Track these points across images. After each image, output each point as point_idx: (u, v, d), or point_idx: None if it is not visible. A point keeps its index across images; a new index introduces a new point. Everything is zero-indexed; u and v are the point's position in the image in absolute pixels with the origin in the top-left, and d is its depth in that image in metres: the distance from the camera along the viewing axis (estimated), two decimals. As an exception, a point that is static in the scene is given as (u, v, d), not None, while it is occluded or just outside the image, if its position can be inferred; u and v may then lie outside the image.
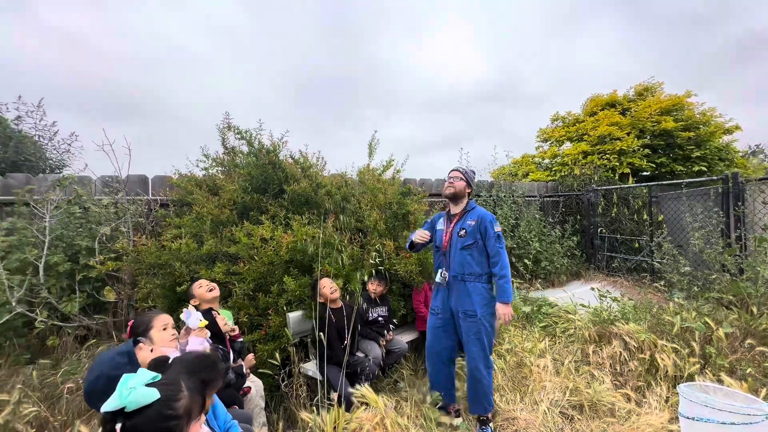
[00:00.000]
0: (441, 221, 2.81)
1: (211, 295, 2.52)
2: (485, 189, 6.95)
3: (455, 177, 2.71)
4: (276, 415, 2.64)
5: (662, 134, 9.09)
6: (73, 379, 2.75)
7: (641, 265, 6.50)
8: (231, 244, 3.26)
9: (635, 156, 8.73)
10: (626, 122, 9.42)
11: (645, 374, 3.10)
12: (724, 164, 9.07)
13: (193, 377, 1.08)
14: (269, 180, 3.88)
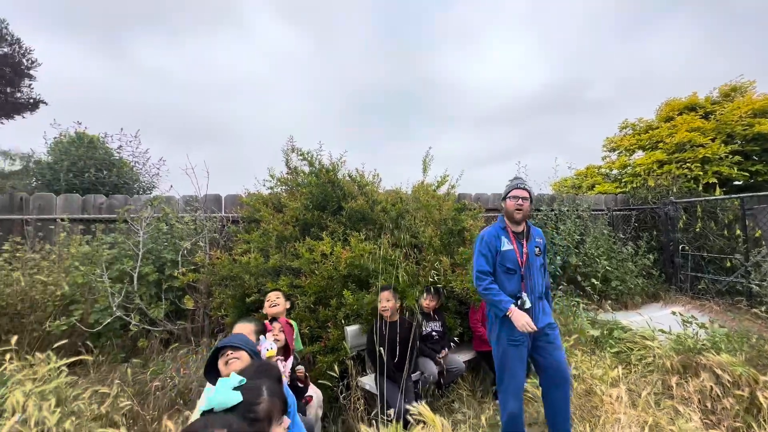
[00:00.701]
0: (505, 241, 2.54)
1: (272, 311, 2.71)
2: (545, 203, 6.63)
3: (525, 198, 2.50)
4: (334, 427, 2.71)
5: (756, 138, 8.04)
6: (159, 378, 3.07)
7: (735, 288, 5.72)
8: (294, 259, 3.47)
9: (723, 164, 7.80)
10: (710, 127, 8.48)
11: (744, 414, 2.71)
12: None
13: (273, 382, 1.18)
14: (328, 198, 4.08)
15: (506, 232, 2.56)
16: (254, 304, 3.45)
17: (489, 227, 2.65)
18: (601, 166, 11.34)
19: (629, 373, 3.50)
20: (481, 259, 2.50)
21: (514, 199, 2.51)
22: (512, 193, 2.54)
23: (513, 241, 2.52)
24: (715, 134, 8.33)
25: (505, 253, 2.50)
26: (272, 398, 1.13)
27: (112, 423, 2.69)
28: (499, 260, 2.49)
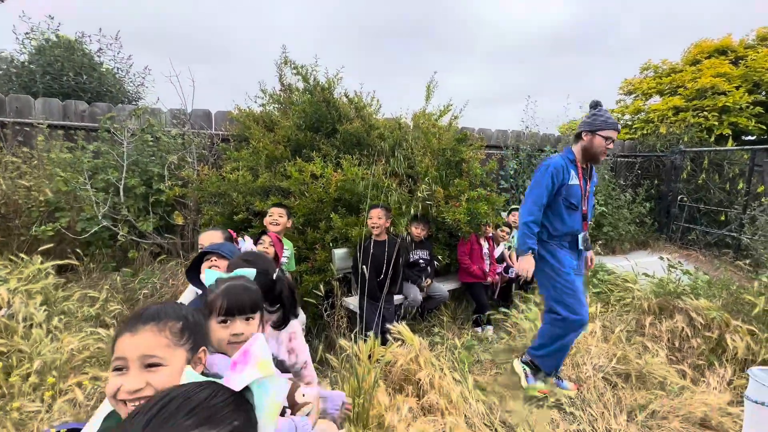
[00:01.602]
0: (573, 174, 2.30)
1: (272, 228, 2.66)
2: (550, 144, 6.39)
3: (614, 141, 2.26)
4: (317, 341, 2.82)
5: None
6: (148, 286, 3.13)
7: (724, 240, 5.77)
8: (283, 179, 3.35)
9: (742, 115, 7.41)
10: (737, 73, 7.92)
11: (708, 353, 2.84)
12: None
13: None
14: (323, 118, 3.85)
15: (575, 165, 2.32)
16: (243, 222, 3.41)
17: (556, 156, 2.36)
18: (613, 110, 10.81)
19: (606, 312, 3.62)
20: (543, 192, 2.26)
21: (606, 140, 2.22)
22: (605, 132, 2.21)
23: (580, 177, 2.32)
24: (741, 82, 7.80)
25: (572, 187, 2.29)
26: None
27: (103, 324, 2.78)
28: (564, 194, 2.28)
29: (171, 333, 0.80)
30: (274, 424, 0.60)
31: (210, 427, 0.50)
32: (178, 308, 0.88)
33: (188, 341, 0.82)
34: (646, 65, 10.21)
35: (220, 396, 0.55)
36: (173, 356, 0.78)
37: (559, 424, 2.20)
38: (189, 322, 0.85)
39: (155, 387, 0.74)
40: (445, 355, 2.67)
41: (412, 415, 1.98)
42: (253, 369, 0.60)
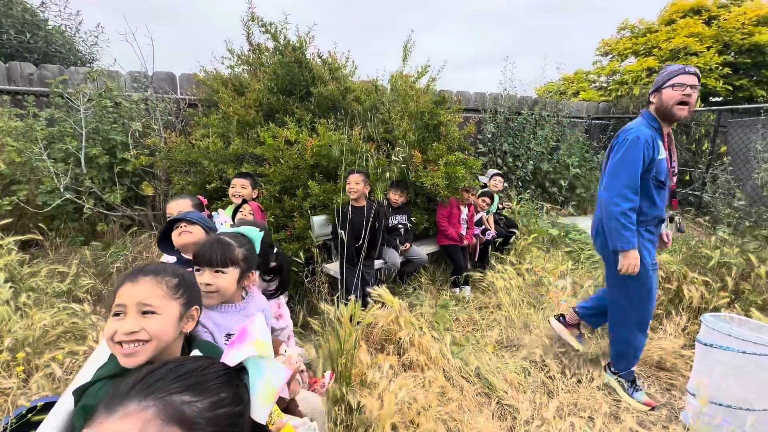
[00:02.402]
0: (661, 147, 1.92)
1: (235, 201, 2.56)
2: (527, 106, 6.38)
3: (694, 86, 1.83)
4: (299, 306, 2.86)
5: (751, 50, 7.73)
6: (120, 259, 3.04)
7: (687, 199, 6.07)
8: (257, 146, 3.24)
9: (711, 75, 7.57)
10: (710, 33, 8.00)
11: (667, 303, 3.05)
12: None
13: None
14: (295, 81, 3.68)
15: (661, 135, 1.94)
16: (216, 192, 3.31)
17: (641, 125, 1.93)
18: (590, 72, 10.83)
19: (576, 269, 3.80)
20: (636, 171, 1.87)
21: (679, 87, 1.81)
22: (677, 79, 1.82)
23: (665, 148, 1.95)
24: (712, 42, 7.91)
25: (661, 162, 1.91)
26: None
27: (76, 299, 2.71)
28: (654, 172, 1.91)
29: (167, 286, 0.87)
30: (268, 408, 0.61)
31: (195, 394, 0.52)
32: (177, 268, 0.95)
33: (182, 296, 0.89)
34: (623, 25, 10.16)
35: (213, 368, 0.57)
36: (168, 306, 0.86)
37: (531, 372, 2.35)
38: (185, 279, 0.92)
39: (149, 331, 0.82)
40: (425, 315, 2.77)
41: (394, 372, 2.07)
42: (249, 347, 0.62)
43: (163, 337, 0.84)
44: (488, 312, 3.09)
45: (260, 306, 1.34)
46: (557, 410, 2.02)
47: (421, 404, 1.71)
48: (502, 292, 3.15)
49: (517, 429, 1.90)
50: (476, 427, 1.80)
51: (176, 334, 0.87)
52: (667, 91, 1.86)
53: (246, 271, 1.22)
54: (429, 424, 1.62)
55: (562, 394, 2.16)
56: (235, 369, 0.61)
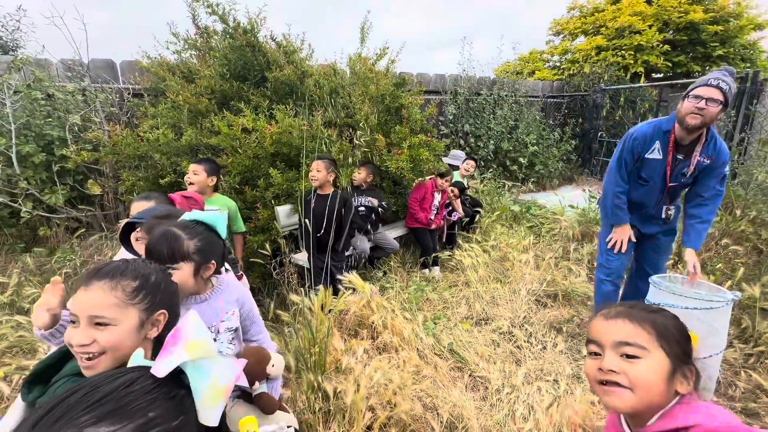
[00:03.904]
0: (658, 147, 2.06)
1: (190, 189, 2.41)
2: (486, 87, 6.49)
3: (712, 100, 1.80)
4: (269, 299, 2.80)
5: (687, 28, 8.23)
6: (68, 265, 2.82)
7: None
8: (211, 135, 3.08)
9: (653, 53, 8.02)
10: (651, 12, 8.43)
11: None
12: (745, 65, 8.43)
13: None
14: (249, 65, 3.50)
15: (667, 138, 1.99)
16: (171, 187, 3.12)
17: (645, 126, 2.06)
18: (543, 51, 11.14)
19: (538, 243, 3.98)
20: (622, 162, 2.09)
21: (694, 99, 1.83)
22: (697, 90, 1.84)
23: (670, 152, 2.00)
24: (653, 20, 8.34)
25: (649, 161, 2.05)
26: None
27: (21, 311, 2.50)
28: (639, 167, 2.09)
29: (123, 292, 0.79)
30: (218, 408, 0.56)
31: (114, 421, 0.44)
32: (142, 267, 0.85)
33: (143, 301, 0.80)
34: (572, 5, 10.48)
35: (138, 385, 0.50)
36: (123, 315, 0.77)
37: (500, 343, 2.46)
38: (149, 282, 0.83)
39: (101, 344, 0.75)
40: (396, 297, 2.80)
41: (368, 356, 2.09)
42: (182, 352, 0.55)
43: (120, 349, 0.77)
44: (458, 290, 3.18)
45: (234, 296, 1.28)
46: (525, 377, 2.12)
47: (396, 384, 1.74)
48: (470, 270, 3.25)
49: (489, 398, 1.99)
50: (451, 401, 1.87)
51: (136, 343, 0.79)
52: (686, 100, 1.89)
53: (202, 263, 1.14)
54: (405, 402, 1.65)
55: (530, 362, 2.28)
56: (172, 376, 0.54)
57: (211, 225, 1.21)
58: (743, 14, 8.37)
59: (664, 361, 0.69)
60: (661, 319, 0.73)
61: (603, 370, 0.69)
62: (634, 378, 0.67)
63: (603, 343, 0.72)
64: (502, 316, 2.72)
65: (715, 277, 2.71)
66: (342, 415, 1.62)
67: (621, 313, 0.73)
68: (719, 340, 1.88)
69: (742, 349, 2.25)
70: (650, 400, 0.68)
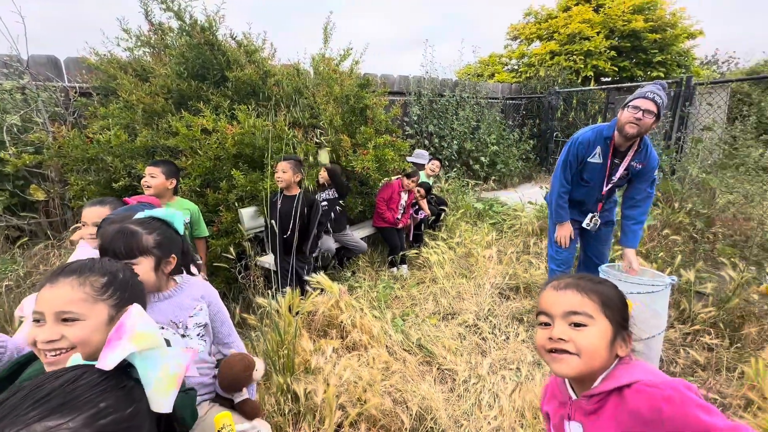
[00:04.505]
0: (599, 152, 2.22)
1: (147, 192, 2.31)
2: (448, 88, 6.66)
3: (649, 111, 1.96)
4: (234, 304, 2.73)
5: (630, 35, 8.86)
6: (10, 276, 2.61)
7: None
8: (169, 136, 2.96)
9: (601, 58, 8.57)
10: (598, 20, 9.01)
11: (576, 261, 3.47)
12: (680, 71, 9.20)
13: None
14: (208, 64, 3.40)
15: (608, 144, 2.17)
16: (126, 191, 2.97)
17: (588, 131, 2.23)
18: (502, 54, 11.57)
19: (501, 238, 4.14)
20: (566, 174, 2.27)
21: (633, 109, 1.99)
22: (634, 102, 2.00)
23: (609, 157, 2.18)
24: (600, 28, 8.91)
25: (590, 164, 2.23)
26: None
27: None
28: (582, 169, 2.27)
29: (93, 287, 0.78)
30: (171, 396, 0.57)
31: (63, 415, 0.45)
32: (110, 265, 0.84)
33: (112, 297, 0.80)
34: (528, 11, 10.97)
35: (84, 379, 0.50)
36: (92, 310, 0.77)
37: (466, 336, 2.54)
38: (117, 278, 0.83)
39: (70, 339, 0.74)
40: (365, 296, 2.83)
41: (338, 355, 2.10)
42: (127, 343, 0.55)
43: (89, 344, 0.75)
44: (425, 286, 3.25)
45: (199, 293, 1.24)
46: (490, 366, 2.22)
47: (366, 381, 1.77)
48: (437, 267, 3.33)
49: (457, 389, 2.06)
50: (420, 394, 1.91)
51: (105, 340, 0.79)
52: (626, 110, 2.04)
53: (162, 257, 1.12)
54: (375, 398, 1.68)
55: (494, 352, 2.38)
56: (121, 368, 0.54)
57: (167, 221, 1.19)
58: (678, 24, 9.13)
59: (608, 328, 0.74)
60: (605, 288, 0.79)
61: (553, 338, 0.74)
62: (581, 345, 0.72)
63: (553, 313, 0.76)
64: (468, 310, 2.81)
65: (658, 265, 2.95)
66: (312, 415, 1.63)
67: (569, 284, 0.78)
68: (661, 321, 2.05)
69: (681, 329, 2.46)
70: (595, 365, 0.73)
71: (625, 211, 2.32)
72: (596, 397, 0.74)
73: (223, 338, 1.30)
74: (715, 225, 3.72)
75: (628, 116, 2.01)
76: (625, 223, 2.30)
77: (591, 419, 0.75)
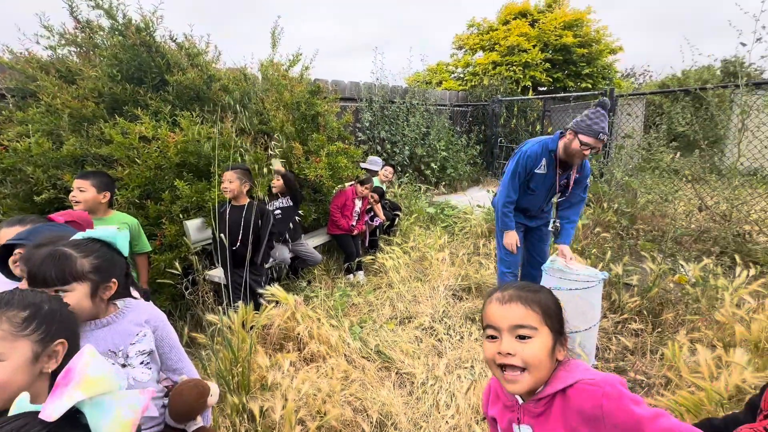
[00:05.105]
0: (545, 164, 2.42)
1: (77, 208, 2.11)
2: (399, 95, 6.81)
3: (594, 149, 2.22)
4: (182, 322, 2.58)
5: (562, 49, 9.64)
6: None
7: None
8: (102, 144, 2.73)
9: (537, 69, 9.22)
10: (534, 34, 9.69)
11: (521, 260, 3.69)
12: (605, 83, 10.17)
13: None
14: (145, 67, 3.18)
15: (553, 158, 2.35)
16: (50, 204, 2.69)
17: (534, 143, 2.38)
18: (449, 63, 12.05)
19: (453, 241, 4.30)
20: (515, 183, 2.43)
21: (584, 146, 2.19)
22: (585, 137, 2.17)
23: (556, 168, 2.37)
24: (536, 41, 9.60)
25: (537, 175, 2.40)
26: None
27: None
28: (529, 180, 2.44)
29: (10, 323, 0.72)
30: None
31: None
32: (33, 296, 0.78)
33: (36, 331, 0.75)
34: (471, 22, 11.53)
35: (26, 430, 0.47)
36: (12, 349, 0.71)
37: (423, 339, 2.61)
38: (41, 310, 0.77)
39: None
40: (321, 306, 2.80)
41: (295, 368, 2.06)
42: (75, 391, 0.51)
43: (11, 386, 0.68)
44: (382, 292, 3.28)
45: (142, 318, 1.15)
46: (446, 367, 2.29)
47: (325, 392, 1.75)
48: (392, 271, 3.38)
49: (416, 392, 2.11)
50: (380, 400, 1.93)
51: (30, 379, 0.72)
52: (577, 141, 2.21)
53: (101, 282, 1.03)
54: (335, 409, 1.67)
55: (449, 353, 2.46)
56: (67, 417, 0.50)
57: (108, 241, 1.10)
58: (601, 40, 10.10)
59: (549, 337, 0.79)
60: (544, 297, 0.83)
61: (501, 353, 0.77)
62: (527, 357, 0.76)
63: (500, 327, 0.79)
64: (424, 313, 2.89)
65: (591, 261, 3.23)
66: (271, 433, 1.58)
67: (513, 297, 0.82)
68: (596, 313, 2.26)
69: (612, 318, 2.72)
70: (542, 376, 0.78)
71: (562, 213, 2.58)
72: (543, 400, 0.79)
73: (173, 364, 1.22)
74: (637, 222, 4.15)
75: (577, 149, 2.22)
76: (561, 222, 2.56)
77: (540, 421, 0.80)
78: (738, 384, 1.57)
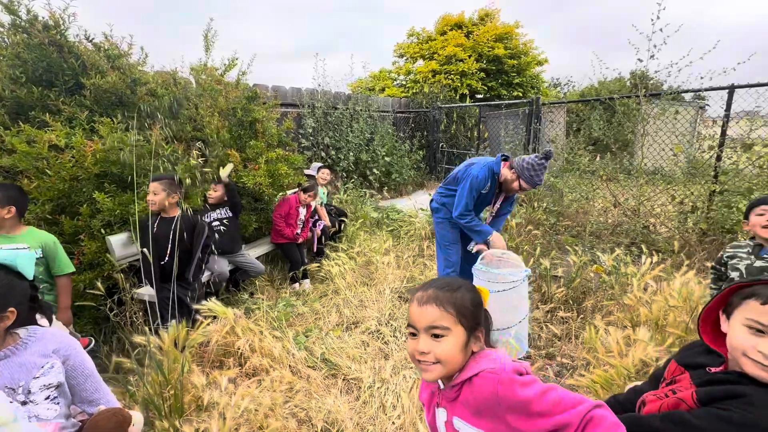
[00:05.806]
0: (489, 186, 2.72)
1: None
2: (342, 101, 6.83)
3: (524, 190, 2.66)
4: (106, 347, 2.36)
5: (494, 60, 10.29)
6: None
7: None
8: (3, 154, 2.43)
9: (473, 78, 9.75)
10: (469, 45, 10.25)
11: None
12: (534, 92, 11.01)
13: None
14: (56, 69, 2.89)
15: (496, 180, 2.70)
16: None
17: (484, 167, 2.68)
18: (391, 70, 12.32)
19: (398, 244, 4.39)
20: (470, 204, 2.69)
21: (522, 189, 2.62)
22: (525, 185, 2.57)
23: (497, 189, 2.76)
24: (471, 52, 10.16)
25: (483, 194, 2.72)
26: None
27: None
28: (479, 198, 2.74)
29: None
30: None
31: None
32: None
33: None
34: (411, 32, 11.91)
35: None
36: None
37: (369, 343, 2.63)
38: None
39: None
40: (264, 317, 2.71)
41: (235, 385, 1.98)
42: None
43: None
44: (328, 299, 3.26)
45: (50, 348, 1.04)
46: (393, 369, 2.33)
47: (267, 406, 1.70)
48: (338, 278, 3.37)
49: (362, 396, 2.12)
50: (325, 408, 1.92)
51: None
52: (517, 183, 2.59)
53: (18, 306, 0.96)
54: (277, 422, 1.63)
55: (396, 354, 2.51)
56: None
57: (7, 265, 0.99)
58: (529, 52, 10.94)
59: (462, 335, 0.87)
60: (460, 297, 0.90)
61: (418, 351, 0.87)
62: (440, 354, 0.85)
63: (417, 327, 0.88)
64: (370, 317, 2.92)
65: (524, 256, 3.48)
66: (208, 456, 1.50)
67: (430, 298, 0.89)
68: (525, 305, 2.43)
69: (543, 308, 2.95)
70: (454, 367, 0.88)
71: (493, 220, 2.95)
72: (456, 387, 0.89)
73: (89, 395, 1.12)
74: (563, 219, 4.55)
75: (516, 189, 2.64)
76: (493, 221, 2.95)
77: (452, 404, 0.91)
78: (642, 358, 1.78)
